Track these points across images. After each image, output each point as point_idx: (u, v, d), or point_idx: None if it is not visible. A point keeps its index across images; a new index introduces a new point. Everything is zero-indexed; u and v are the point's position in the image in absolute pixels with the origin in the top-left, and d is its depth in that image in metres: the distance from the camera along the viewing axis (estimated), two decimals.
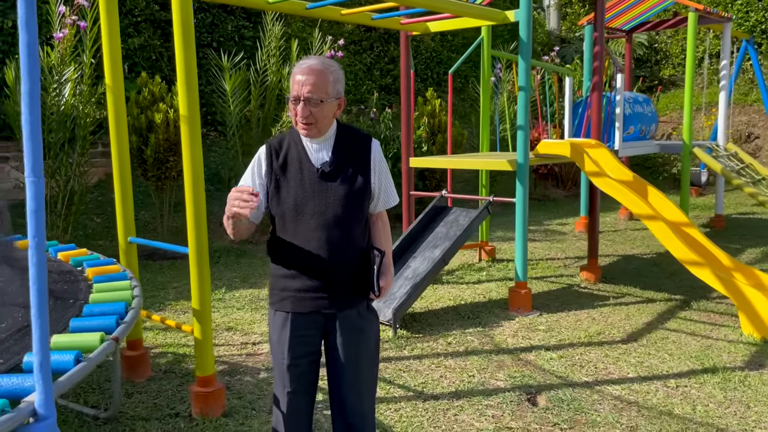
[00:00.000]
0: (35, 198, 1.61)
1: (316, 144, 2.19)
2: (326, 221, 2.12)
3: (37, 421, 1.62)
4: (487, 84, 6.61)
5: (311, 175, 2.14)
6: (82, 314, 2.34)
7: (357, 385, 2.27)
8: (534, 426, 3.28)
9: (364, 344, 2.27)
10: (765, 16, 14.42)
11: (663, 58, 16.09)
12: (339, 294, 2.18)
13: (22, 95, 1.60)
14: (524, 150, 5.05)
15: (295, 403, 2.25)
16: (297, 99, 2.08)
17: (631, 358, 4.19)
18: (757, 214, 10.26)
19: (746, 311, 4.48)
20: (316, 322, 2.20)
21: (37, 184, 1.61)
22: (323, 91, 2.08)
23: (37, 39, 1.60)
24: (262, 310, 5.32)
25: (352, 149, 2.22)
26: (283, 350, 2.20)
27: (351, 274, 2.19)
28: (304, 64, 2.11)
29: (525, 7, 4.90)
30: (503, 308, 5.31)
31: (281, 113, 7.64)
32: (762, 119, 13.62)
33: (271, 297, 2.26)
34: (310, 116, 2.09)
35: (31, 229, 1.61)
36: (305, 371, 2.24)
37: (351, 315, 2.22)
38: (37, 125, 1.62)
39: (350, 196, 2.15)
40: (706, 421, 3.32)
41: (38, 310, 1.62)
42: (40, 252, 1.61)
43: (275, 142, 2.22)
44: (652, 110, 7.84)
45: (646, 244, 7.96)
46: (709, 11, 7.84)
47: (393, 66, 11.84)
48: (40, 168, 1.62)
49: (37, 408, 1.62)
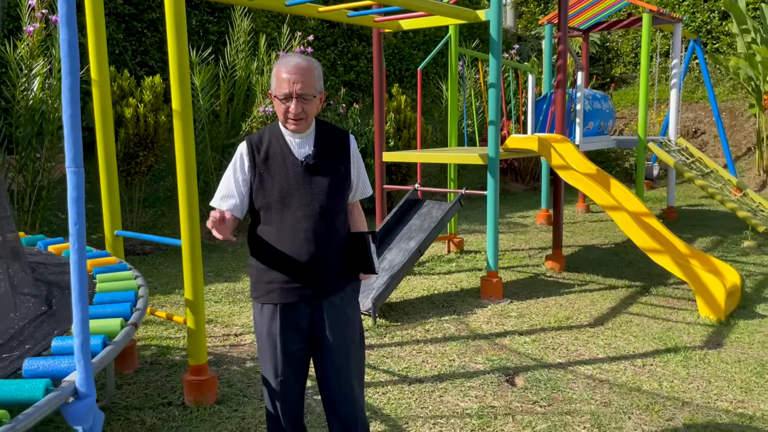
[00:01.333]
0: (76, 187, 1.69)
1: (299, 139, 2.28)
2: (312, 212, 2.22)
3: (78, 399, 1.71)
4: (454, 81, 6.80)
5: (295, 168, 2.23)
6: (94, 303, 2.40)
7: (347, 371, 2.37)
8: (515, 404, 3.48)
9: (350, 331, 2.38)
10: (710, 17, 15.09)
11: (614, 57, 16.64)
12: (325, 282, 2.27)
13: (63, 91, 1.68)
14: (495, 144, 5.25)
15: (288, 390, 2.34)
16: (289, 96, 2.16)
17: (599, 341, 4.44)
18: (704, 206, 10.78)
19: (703, 295, 4.79)
20: (304, 312, 2.29)
21: (77, 173, 1.69)
22: (312, 87, 2.18)
23: (77, 37, 1.68)
24: (240, 303, 5.39)
25: (332, 143, 2.33)
26: (274, 341, 2.27)
27: (336, 262, 2.29)
28: (290, 62, 2.17)
29: (495, 6, 5.10)
30: (475, 297, 5.51)
31: (250, 108, 7.68)
32: (707, 116, 14.27)
33: (255, 291, 2.31)
34: (302, 112, 2.19)
35: (72, 216, 1.70)
36: (297, 359, 2.32)
37: (336, 301, 2.32)
38: (77, 119, 1.70)
39: (333, 187, 2.26)
40: (672, 395, 3.58)
41: (79, 295, 1.71)
42: (81, 239, 1.70)
43: (255, 138, 2.29)
44: (609, 107, 8.18)
45: (604, 235, 8.31)
46: (662, 12, 8.22)
47: (356, 62, 11.95)
48: (80, 159, 1.70)
49: (78, 387, 1.70)
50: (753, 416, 3.32)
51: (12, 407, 1.60)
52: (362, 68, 12.08)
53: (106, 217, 3.87)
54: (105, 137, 3.79)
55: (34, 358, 1.81)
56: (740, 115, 14.02)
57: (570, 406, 3.45)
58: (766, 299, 5.34)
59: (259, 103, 7.41)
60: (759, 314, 4.95)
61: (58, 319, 2.22)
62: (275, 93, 2.20)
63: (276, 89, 2.19)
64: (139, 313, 2.30)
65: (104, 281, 2.68)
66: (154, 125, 6.70)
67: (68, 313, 2.30)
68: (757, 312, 5.00)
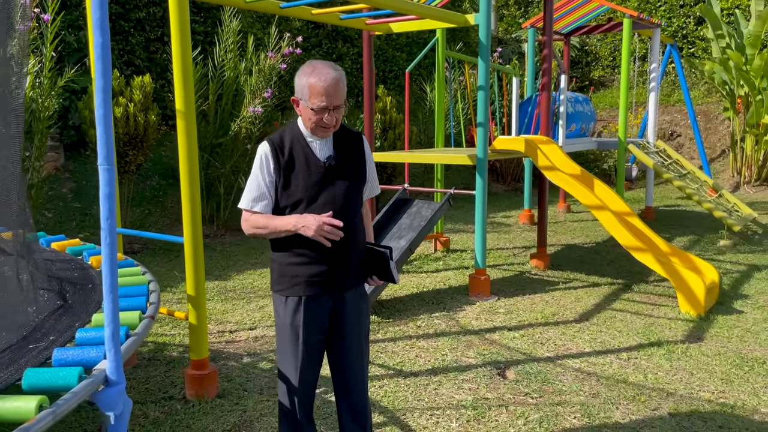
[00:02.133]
0: (108, 184, 1.77)
1: (320, 141, 2.38)
2: (335, 210, 2.32)
3: (109, 386, 1.79)
4: (441, 83, 6.93)
5: (318, 169, 2.33)
6: None
7: (360, 362, 2.50)
8: (508, 396, 3.61)
9: (364, 324, 2.52)
10: (686, 22, 15.44)
11: (593, 60, 16.94)
12: (347, 276, 2.40)
13: (96, 92, 1.76)
14: (484, 145, 5.39)
15: (306, 380, 2.45)
16: (326, 109, 2.25)
17: (585, 335, 4.60)
18: (681, 206, 11.06)
19: (684, 292, 4.97)
20: (325, 304, 2.40)
21: (110, 171, 1.78)
22: (344, 97, 2.30)
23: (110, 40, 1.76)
24: (233, 301, 5.46)
25: (349, 144, 2.45)
26: (297, 332, 2.37)
27: (356, 257, 2.42)
28: (325, 76, 2.24)
29: (484, 10, 5.23)
30: (463, 294, 5.64)
31: (239, 108, 7.73)
32: (683, 118, 14.61)
33: (278, 284, 2.40)
34: (336, 121, 2.30)
35: (104, 211, 1.78)
36: (316, 350, 2.44)
37: (354, 295, 2.45)
38: (109, 119, 1.79)
39: (353, 186, 2.39)
40: (657, 387, 3.73)
41: (110, 287, 1.79)
42: (112, 233, 1.78)
43: (276, 140, 2.37)
44: (591, 109, 8.38)
45: (585, 234, 8.51)
46: (642, 17, 8.44)
47: (341, 63, 12.03)
48: (112, 157, 1.79)
49: (108, 375, 1.78)
50: (734, 406, 3.48)
51: (48, 394, 1.67)
52: (347, 69, 12.16)
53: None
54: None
55: (63, 348, 1.89)
56: (714, 118, 14.38)
57: (560, 398, 3.58)
58: (743, 296, 5.54)
59: (248, 103, 7.47)
60: (736, 310, 5.15)
61: (76, 313, 2.29)
62: (309, 104, 2.25)
63: (310, 101, 2.25)
64: (155, 307, 2.38)
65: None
66: (144, 125, 6.72)
67: (85, 307, 2.37)
68: (734, 308, 5.20)
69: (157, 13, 9.13)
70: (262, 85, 7.47)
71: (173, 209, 8.51)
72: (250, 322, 4.92)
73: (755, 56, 11.30)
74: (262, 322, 4.91)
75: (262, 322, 4.91)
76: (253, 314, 5.09)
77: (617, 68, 16.62)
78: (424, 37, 13.63)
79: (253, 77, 7.54)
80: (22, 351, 1.94)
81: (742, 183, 12.54)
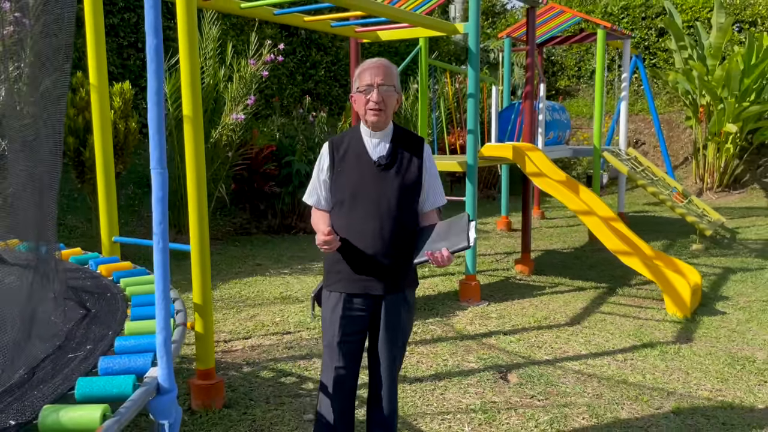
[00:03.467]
0: (161, 187, 1.75)
1: (376, 139, 2.39)
2: (380, 210, 2.33)
3: (161, 394, 1.76)
4: (425, 91, 6.99)
5: (369, 167, 2.35)
6: (132, 305, 2.42)
7: (391, 372, 2.50)
8: (515, 399, 3.65)
9: (402, 332, 2.51)
10: (648, 34, 15.92)
11: (559, 70, 17.30)
12: (389, 278, 2.40)
13: (149, 94, 1.73)
14: (473, 152, 5.45)
15: (342, 379, 2.46)
16: (370, 87, 2.30)
17: (579, 338, 4.68)
18: (650, 212, 11.37)
19: (670, 294, 5.11)
20: (365, 303, 2.41)
21: (162, 174, 1.75)
22: (392, 80, 2.34)
23: (162, 43, 1.74)
24: (223, 310, 5.38)
25: (407, 146, 2.42)
26: (334, 328, 2.40)
27: (398, 261, 2.40)
28: (372, 61, 2.36)
29: (474, 20, 5.31)
30: (453, 299, 5.68)
31: (218, 116, 7.65)
32: (647, 127, 15.03)
33: (326, 280, 2.47)
34: (382, 102, 2.31)
35: (157, 215, 1.75)
36: (353, 349, 2.45)
37: (394, 299, 2.44)
38: (161, 121, 1.76)
39: (403, 188, 2.36)
40: (657, 386, 3.82)
41: (162, 294, 1.76)
42: (164, 238, 1.75)
43: (337, 139, 2.44)
44: (567, 118, 8.56)
45: (562, 240, 8.66)
46: (615, 29, 8.68)
47: (314, 71, 12.02)
48: (164, 161, 1.76)
49: (161, 382, 1.75)
50: (732, 403, 3.59)
51: (102, 403, 1.63)
52: (321, 77, 12.16)
53: (103, 224, 3.83)
54: (103, 144, 3.76)
55: (108, 357, 1.84)
56: (677, 126, 14.83)
57: (566, 399, 3.64)
58: (723, 297, 5.73)
59: (229, 110, 7.40)
60: (719, 311, 5.31)
61: (104, 321, 2.24)
62: (358, 87, 2.35)
63: (359, 82, 2.35)
64: (183, 314, 2.34)
65: (131, 285, 2.69)
66: (125, 132, 6.59)
67: (112, 315, 2.32)
68: (717, 309, 5.37)
69: (131, 19, 8.98)
70: (243, 91, 7.41)
71: (149, 218, 8.34)
72: (243, 331, 4.86)
73: (716, 67, 11.71)
74: (256, 331, 4.85)
75: (256, 331, 4.85)
76: (245, 323, 5.03)
77: (582, 78, 17.00)
78: (396, 45, 13.71)
79: (233, 84, 7.48)
80: (62, 360, 1.89)
81: (704, 189, 12.95)
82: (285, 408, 3.51)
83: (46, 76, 2.09)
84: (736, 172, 12.96)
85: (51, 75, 2.10)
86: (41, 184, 2.00)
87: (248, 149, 8.03)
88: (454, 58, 15.82)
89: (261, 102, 10.35)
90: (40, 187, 1.98)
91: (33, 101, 2.32)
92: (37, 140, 2.05)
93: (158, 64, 1.74)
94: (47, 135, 2.07)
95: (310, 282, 6.28)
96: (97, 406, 1.52)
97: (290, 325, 4.98)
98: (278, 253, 7.62)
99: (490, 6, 19.38)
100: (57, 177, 2.07)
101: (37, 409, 1.56)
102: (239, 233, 8.63)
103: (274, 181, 8.44)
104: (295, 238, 8.62)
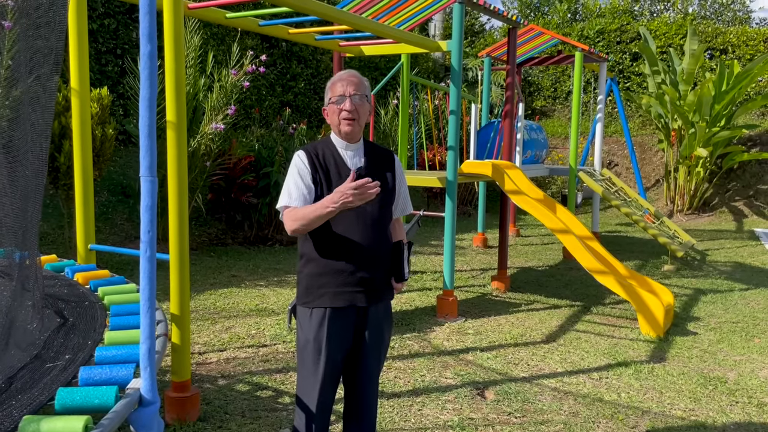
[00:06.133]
0: (150, 195, 1.72)
1: (350, 151, 2.43)
2: (365, 220, 2.35)
3: (143, 405, 1.72)
4: (406, 107, 7.03)
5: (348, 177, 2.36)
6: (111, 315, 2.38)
7: (373, 386, 2.50)
8: (492, 416, 3.65)
9: (384, 346, 2.52)
10: (622, 58, 16.25)
11: (535, 90, 17.55)
12: (373, 289, 2.40)
13: (141, 101, 1.72)
14: (454, 168, 5.49)
15: (325, 401, 2.42)
16: (343, 96, 2.34)
17: (555, 356, 4.71)
18: (622, 232, 11.54)
19: (644, 313, 5.18)
20: (350, 318, 2.40)
21: (152, 182, 1.73)
22: (363, 91, 2.38)
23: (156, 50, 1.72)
24: (196, 322, 5.30)
25: (380, 158, 2.49)
26: (319, 347, 2.35)
27: (383, 270, 2.43)
28: (343, 73, 2.41)
29: (457, 38, 5.37)
30: (430, 315, 5.68)
31: (197, 125, 7.59)
32: (620, 149, 15.30)
33: (305, 297, 2.40)
34: (355, 111, 2.34)
35: (145, 223, 1.72)
36: (337, 366, 2.42)
37: (378, 310, 2.45)
38: (152, 128, 1.74)
39: (383, 199, 2.41)
40: (631, 405, 3.86)
41: (148, 302, 1.73)
42: (152, 247, 1.73)
43: (311, 150, 2.42)
44: (544, 137, 8.68)
45: (537, 258, 8.74)
46: (592, 51, 8.84)
47: (294, 83, 12.02)
48: (154, 168, 1.74)
49: (143, 394, 1.72)
50: (705, 423, 3.64)
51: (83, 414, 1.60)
52: (300, 90, 12.16)
53: (79, 231, 3.76)
54: (83, 150, 3.71)
55: (88, 367, 1.80)
56: (649, 149, 15.13)
57: (543, 416, 3.65)
58: (695, 317, 5.82)
59: (209, 119, 7.35)
60: (691, 331, 5.40)
61: (82, 330, 2.19)
62: (330, 98, 2.37)
63: (331, 93, 2.38)
64: (164, 324, 2.30)
65: (110, 294, 2.64)
66: (101, 138, 6.50)
67: (91, 324, 2.27)
68: (689, 329, 5.45)
69: (111, 25, 8.90)
70: (223, 101, 7.37)
71: (122, 226, 8.22)
72: (218, 343, 4.79)
73: (688, 92, 12.00)
74: (232, 343, 4.79)
75: (231, 343, 4.79)
76: (220, 335, 4.97)
77: (558, 99, 17.27)
78: (375, 60, 13.79)
79: (214, 93, 7.44)
80: (41, 370, 1.84)
81: (675, 211, 13.21)
82: (261, 422, 3.46)
83: (37, 81, 2.05)
84: (706, 195, 13.25)
85: (45, 80, 2.06)
86: (26, 189, 1.96)
87: (226, 159, 7.98)
88: (432, 74, 15.96)
89: (241, 112, 10.31)
90: (24, 193, 1.94)
91: (14, 104, 2.28)
92: (23, 143, 2.01)
93: (152, 70, 1.72)
94: (33, 139, 2.03)
95: (286, 294, 6.23)
96: (79, 417, 1.49)
97: (266, 337, 4.93)
98: (254, 265, 7.56)
99: (469, 25, 19.62)
100: (43, 182, 2.03)
101: (15, 419, 1.52)
102: (214, 243, 8.54)
103: (252, 191, 8.39)
104: (271, 249, 8.57)
